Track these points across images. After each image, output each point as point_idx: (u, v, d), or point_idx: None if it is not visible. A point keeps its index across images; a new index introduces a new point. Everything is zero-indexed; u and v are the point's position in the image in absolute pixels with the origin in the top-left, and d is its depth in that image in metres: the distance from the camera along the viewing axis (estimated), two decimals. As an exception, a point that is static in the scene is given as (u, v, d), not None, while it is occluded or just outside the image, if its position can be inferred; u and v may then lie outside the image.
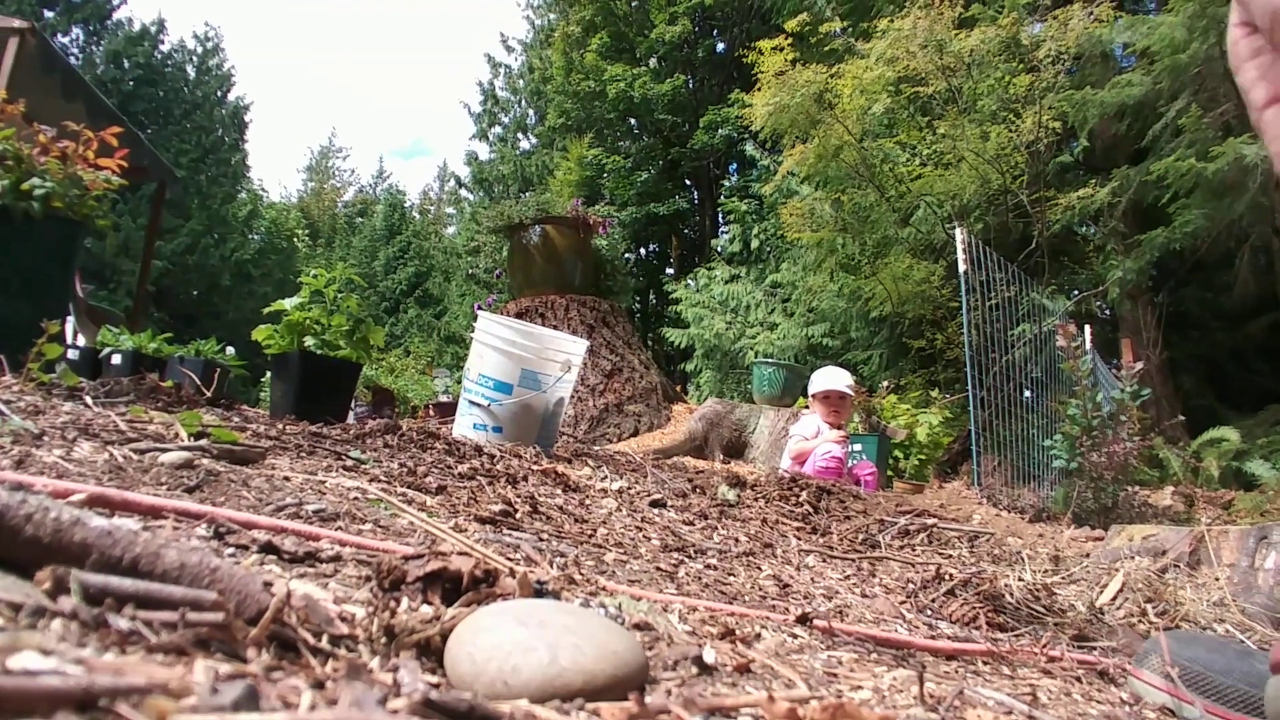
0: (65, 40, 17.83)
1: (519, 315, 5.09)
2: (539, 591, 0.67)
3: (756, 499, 1.83)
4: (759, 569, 1.23)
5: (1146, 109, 6.12)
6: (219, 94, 21.28)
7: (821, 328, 8.81)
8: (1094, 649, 1.09)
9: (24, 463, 0.86)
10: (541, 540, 1.07)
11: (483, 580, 0.63)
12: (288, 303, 2.12)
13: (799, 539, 1.52)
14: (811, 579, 1.24)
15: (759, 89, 7.00)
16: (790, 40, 7.09)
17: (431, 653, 0.52)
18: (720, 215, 14.54)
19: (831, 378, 3.21)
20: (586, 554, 1.05)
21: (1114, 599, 1.35)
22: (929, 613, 1.15)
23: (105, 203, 2.27)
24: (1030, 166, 6.24)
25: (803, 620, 0.88)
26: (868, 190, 7.36)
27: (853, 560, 1.41)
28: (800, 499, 1.83)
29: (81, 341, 4.50)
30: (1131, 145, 6.93)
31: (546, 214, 5.71)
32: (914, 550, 1.57)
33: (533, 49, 20.52)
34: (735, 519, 1.60)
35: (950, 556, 1.54)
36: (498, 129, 21.53)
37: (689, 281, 11.45)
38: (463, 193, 24.06)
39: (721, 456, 4.52)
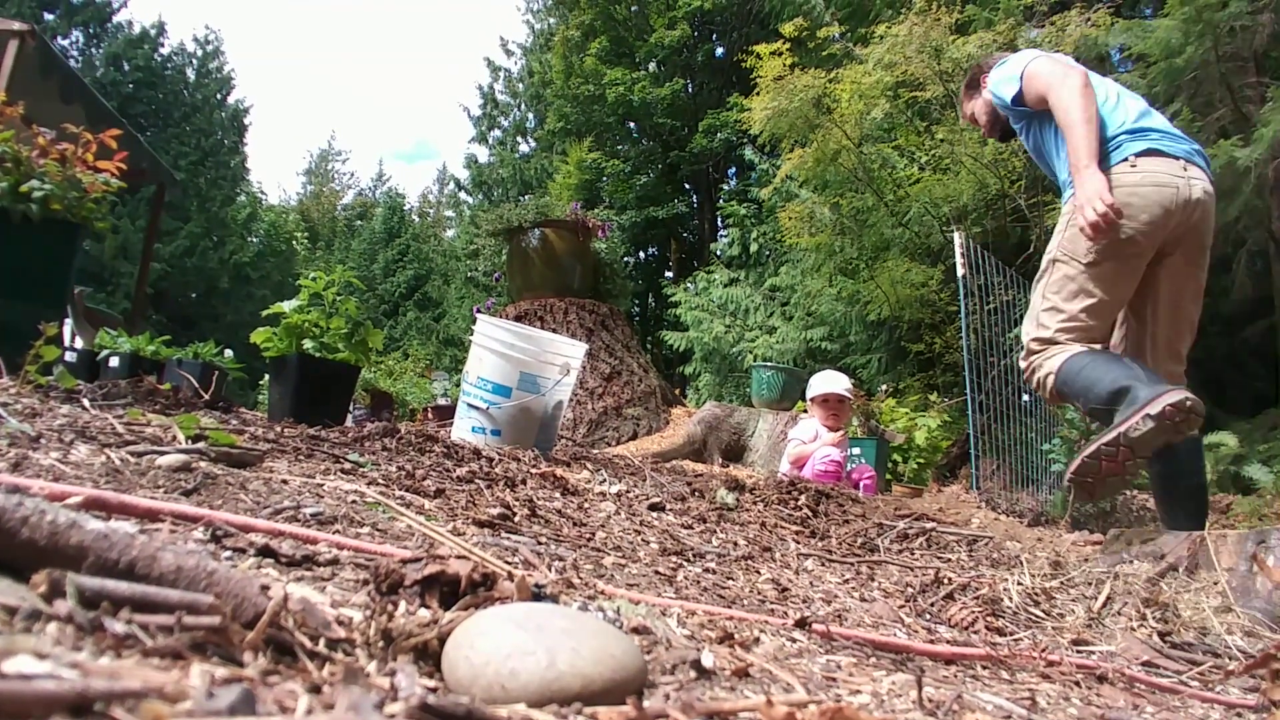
0: (65, 43, 17.84)
1: (518, 318, 5.08)
2: (537, 595, 0.67)
3: (755, 503, 1.82)
4: (758, 573, 1.22)
5: (1143, 113, 6.13)
6: (218, 97, 21.31)
7: (820, 331, 8.82)
8: (1093, 653, 1.09)
9: (21, 465, 0.86)
10: (540, 544, 1.07)
11: (481, 584, 0.63)
12: (286, 305, 2.12)
13: (798, 543, 1.51)
14: (810, 583, 1.24)
15: (757, 93, 7.03)
16: (788, 45, 7.12)
17: (429, 656, 0.52)
18: (719, 219, 14.57)
19: (830, 381, 3.21)
20: (585, 557, 1.05)
21: (1112, 603, 1.35)
22: (928, 617, 1.14)
23: (104, 205, 2.27)
24: (1028, 170, 6.26)
25: (801, 624, 0.88)
26: (866, 194, 7.38)
27: (851, 564, 1.41)
28: (799, 503, 1.83)
29: (79, 344, 4.49)
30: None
31: (546, 217, 5.71)
32: (913, 554, 1.57)
33: (532, 53, 20.59)
34: (734, 523, 1.59)
35: (949, 560, 1.54)
36: (497, 132, 21.59)
37: (688, 285, 11.47)
38: (462, 196, 24.10)
39: (720, 460, 4.51)
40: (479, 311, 4.18)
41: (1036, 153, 2.21)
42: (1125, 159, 1.93)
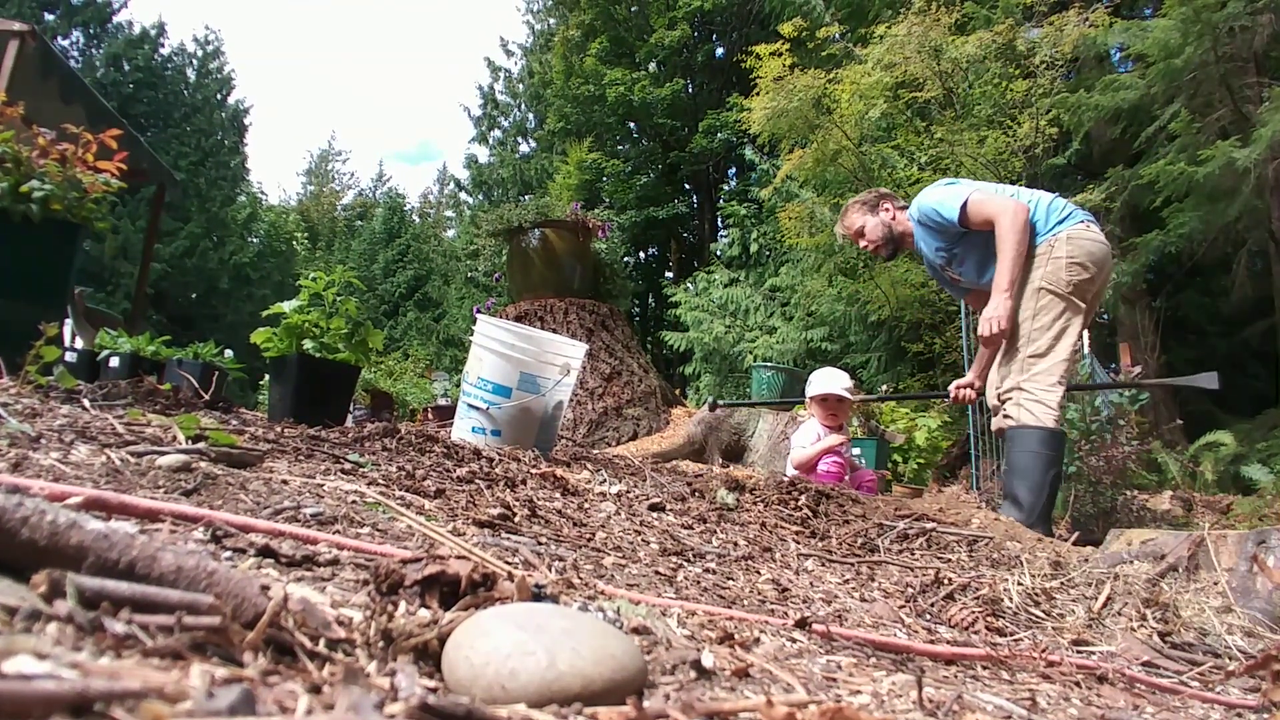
0: (65, 43, 17.84)
1: (518, 318, 5.08)
2: (537, 595, 0.67)
3: (755, 503, 1.82)
4: (758, 573, 1.22)
5: (1141, 113, 6.15)
6: (219, 97, 21.31)
7: (820, 331, 8.82)
8: (1093, 653, 1.09)
9: (21, 465, 0.86)
10: (540, 544, 1.07)
11: (481, 584, 0.63)
12: (286, 305, 2.11)
13: (798, 543, 1.51)
14: (810, 583, 1.24)
15: (757, 93, 7.04)
16: (788, 45, 7.12)
17: (429, 657, 0.52)
18: (719, 219, 14.58)
19: (829, 380, 3.19)
20: (585, 558, 1.05)
21: (1113, 603, 1.35)
22: (928, 617, 1.14)
23: (104, 205, 2.27)
24: (1028, 170, 6.27)
25: (801, 624, 0.88)
26: (866, 195, 7.37)
27: (852, 564, 1.41)
28: (799, 503, 1.83)
29: (80, 344, 4.50)
30: (1128, 149, 6.96)
31: (546, 217, 5.70)
32: (913, 554, 1.57)
33: (533, 53, 20.60)
34: (734, 523, 1.59)
35: (949, 561, 1.54)
36: (497, 132, 21.60)
37: (688, 285, 11.47)
38: (462, 196, 24.10)
39: (720, 460, 4.51)
40: (479, 312, 4.17)
41: (961, 258, 2.60)
42: (1081, 221, 2.44)
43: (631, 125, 15.28)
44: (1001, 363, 2.46)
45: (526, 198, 14.34)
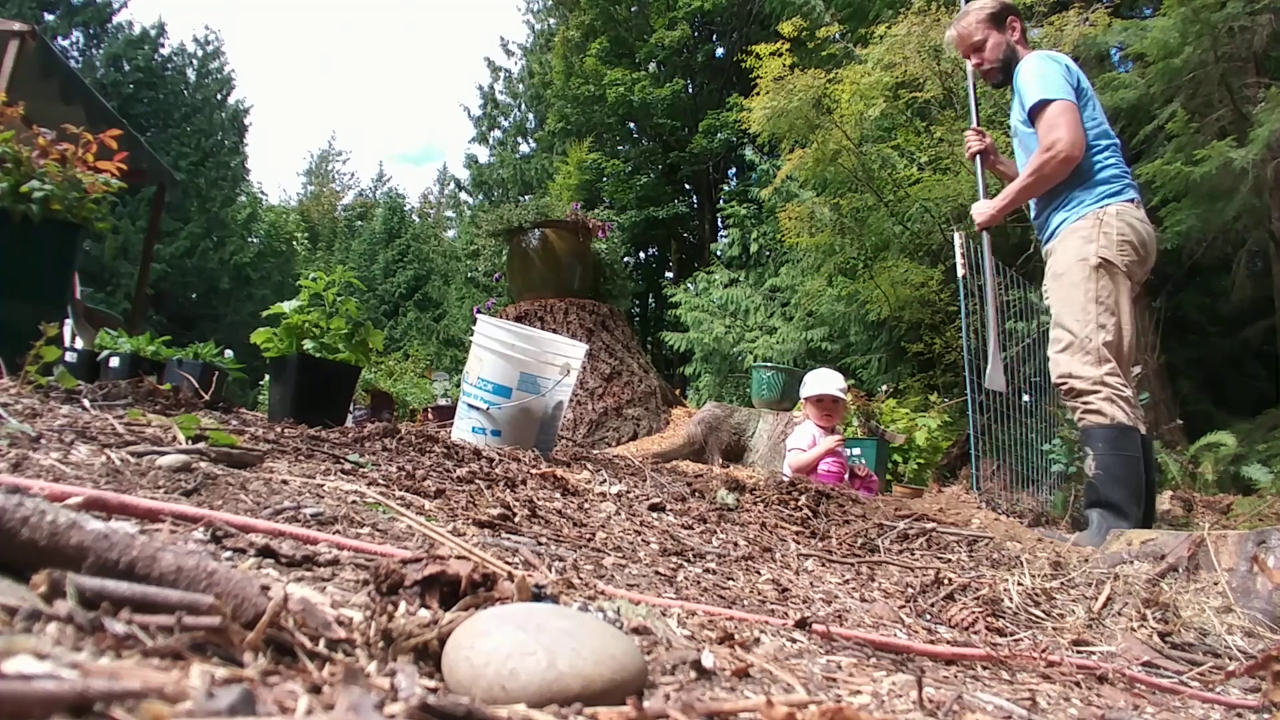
0: (65, 43, 17.85)
1: (518, 319, 5.08)
2: (537, 595, 0.67)
3: (755, 503, 1.82)
4: (758, 573, 1.22)
5: (1141, 112, 6.15)
6: (219, 97, 21.32)
7: (820, 332, 8.82)
8: (1093, 653, 1.09)
9: (21, 465, 0.86)
10: (540, 544, 1.07)
11: (481, 584, 0.63)
12: (286, 306, 2.12)
13: (798, 543, 1.52)
14: (810, 583, 1.24)
15: (757, 93, 7.04)
16: (788, 45, 7.13)
17: (429, 657, 0.52)
18: (719, 219, 14.58)
19: (823, 381, 3.18)
20: (585, 558, 1.05)
21: (1113, 603, 1.35)
22: (928, 617, 1.14)
23: (104, 205, 2.27)
24: (1027, 170, 6.26)
25: (801, 625, 0.88)
26: (866, 194, 7.39)
27: (852, 565, 1.41)
28: (799, 503, 1.83)
29: (80, 344, 4.49)
30: (1127, 149, 6.96)
31: (546, 218, 5.71)
32: (913, 555, 1.57)
33: (533, 53, 20.61)
34: (734, 523, 1.59)
35: (949, 561, 1.54)
36: (497, 133, 21.61)
37: (688, 285, 11.48)
38: (462, 196, 24.12)
39: (720, 460, 4.51)
40: (479, 312, 4.17)
41: (1025, 140, 2.42)
42: (1133, 199, 2.27)
43: (631, 125, 15.27)
44: (1069, 348, 2.22)
45: (526, 198, 14.36)
